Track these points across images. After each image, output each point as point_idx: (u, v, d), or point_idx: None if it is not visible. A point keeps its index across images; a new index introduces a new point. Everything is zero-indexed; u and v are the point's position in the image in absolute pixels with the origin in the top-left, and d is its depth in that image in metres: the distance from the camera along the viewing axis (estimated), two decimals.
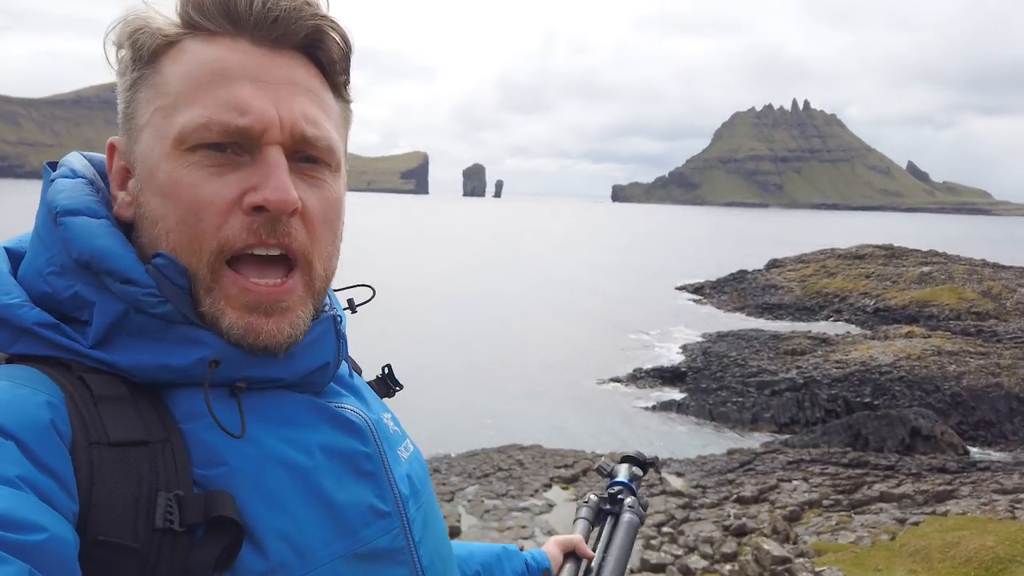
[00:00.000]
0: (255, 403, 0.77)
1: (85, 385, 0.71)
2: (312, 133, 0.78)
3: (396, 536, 0.82)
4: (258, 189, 0.74)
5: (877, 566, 10.56)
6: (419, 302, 51.21)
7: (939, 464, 21.64)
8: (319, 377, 0.83)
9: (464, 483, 20.08)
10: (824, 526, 16.41)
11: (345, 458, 0.81)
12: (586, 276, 72.75)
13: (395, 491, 0.84)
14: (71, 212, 0.77)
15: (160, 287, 0.74)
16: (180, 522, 0.67)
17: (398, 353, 34.35)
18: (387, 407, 1.00)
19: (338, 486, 0.78)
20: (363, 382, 1.00)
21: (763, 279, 56.79)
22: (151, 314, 0.74)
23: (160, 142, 0.76)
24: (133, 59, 0.79)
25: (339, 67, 0.83)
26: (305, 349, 0.81)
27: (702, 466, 21.88)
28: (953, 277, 47.57)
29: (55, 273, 0.76)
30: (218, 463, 0.73)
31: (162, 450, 0.70)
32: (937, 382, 27.94)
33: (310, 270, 0.79)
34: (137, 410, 0.72)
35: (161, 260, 0.75)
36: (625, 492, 1.36)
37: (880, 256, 56.35)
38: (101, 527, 0.64)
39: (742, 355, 33.74)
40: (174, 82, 0.76)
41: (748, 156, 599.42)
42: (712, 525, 16.88)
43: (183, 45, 0.78)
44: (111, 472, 0.66)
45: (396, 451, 0.90)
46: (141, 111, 0.78)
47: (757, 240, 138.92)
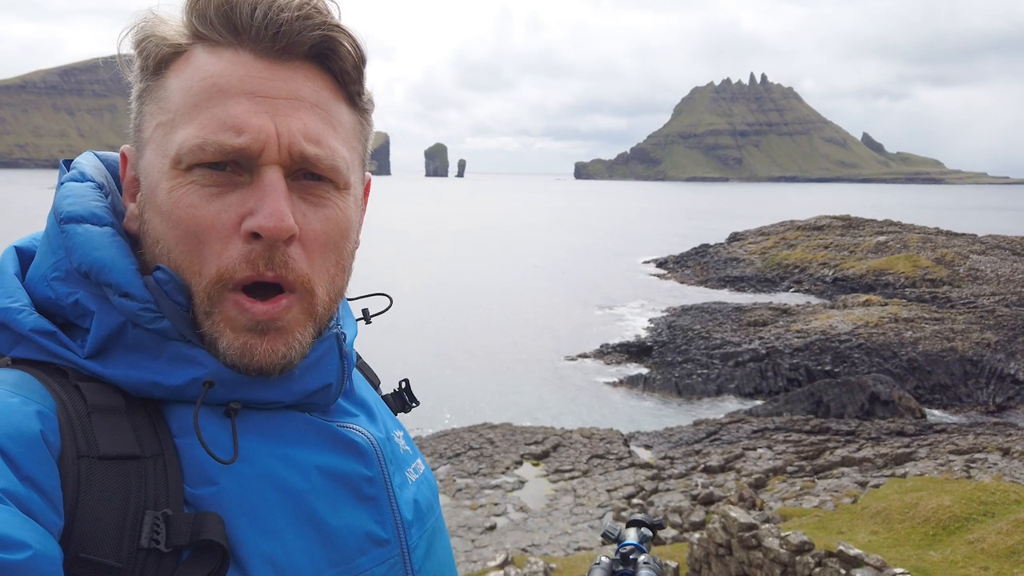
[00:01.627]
0: (253, 420, 0.75)
1: (80, 394, 0.68)
2: (312, 152, 0.73)
3: (394, 566, 0.79)
4: (254, 214, 0.71)
5: (840, 529, 10.86)
6: (384, 285, 50.85)
7: (897, 428, 22.28)
8: (320, 398, 0.79)
9: (435, 463, 20.13)
10: (789, 492, 16.82)
11: (345, 481, 0.77)
12: (551, 254, 72.93)
13: (397, 517, 0.81)
14: (75, 219, 0.75)
15: (158, 303, 0.72)
16: (166, 543, 0.64)
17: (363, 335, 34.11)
18: (400, 424, 0.97)
19: (334, 511, 0.75)
20: (377, 397, 0.97)
21: (725, 252, 57.53)
22: (148, 329, 0.72)
23: (160, 160, 0.73)
24: (141, 68, 0.77)
25: (351, 76, 0.78)
26: (305, 370, 0.77)
27: (669, 438, 22.22)
28: (908, 246, 48.70)
29: (59, 279, 0.74)
30: (210, 482, 0.70)
31: (154, 466, 0.67)
32: (894, 348, 28.67)
33: (311, 297, 0.75)
34: (132, 422, 0.69)
35: (161, 275, 0.72)
36: (637, 552, 1.28)
37: (838, 227, 57.41)
38: (84, 544, 0.61)
39: (706, 328, 34.22)
40: (175, 97, 0.73)
41: (708, 131, 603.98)
42: (680, 495, 17.19)
43: (188, 56, 0.74)
44: (98, 487, 0.64)
45: (404, 473, 0.87)
46: (146, 124, 0.76)
47: (718, 214, 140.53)
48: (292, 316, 0.74)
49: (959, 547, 9.59)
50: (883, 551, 9.30)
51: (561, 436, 22.04)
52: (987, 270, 42.85)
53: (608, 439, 21.64)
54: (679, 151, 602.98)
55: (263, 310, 0.72)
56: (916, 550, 9.73)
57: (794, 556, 9.04)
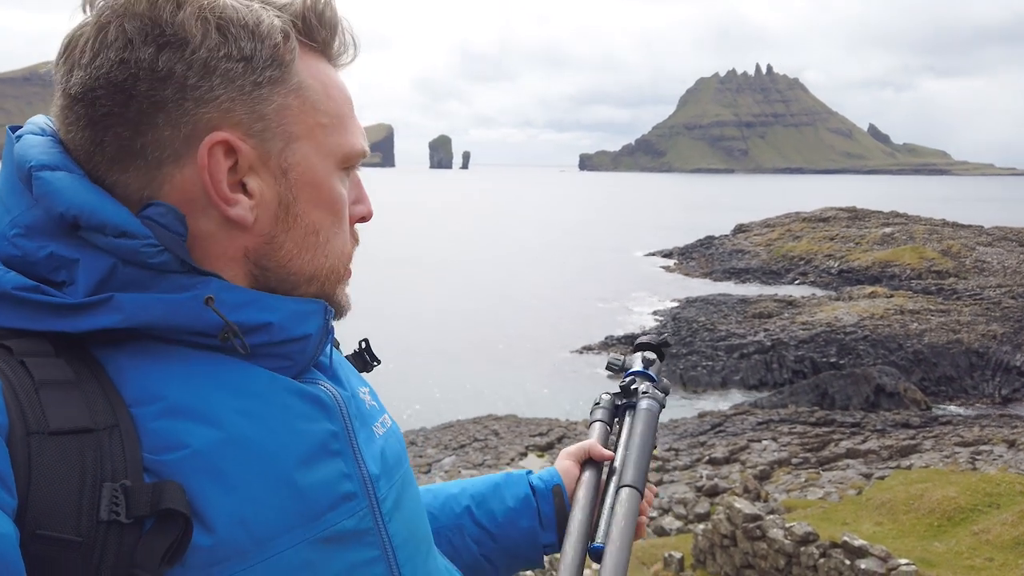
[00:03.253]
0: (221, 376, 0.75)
1: (26, 370, 0.67)
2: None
3: (363, 517, 0.80)
4: (361, 202, 0.89)
5: (845, 520, 10.87)
6: (390, 277, 50.91)
7: (903, 420, 22.26)
8: (299, 348, 0.80)
9: (440, 454, 20.19)
10: (793, 483, 16.83)
11: (311, 437, 0.78)
12: (556, 246, 72.87)
13: (363, 471, 0.81)
14: (48, 167, 0.73)
15: (158, 236, 0.71)
16: (127, 514, 0.64)
17: (369, 329, 34.16)
18: (365, 381, 0.98)
19: (302, 467, 0.75)
20: (340, 357, 0.97)
21: (730, 244, 57.39)
22: (145, 265, 0.72)
23: (325, 159, 0.81)
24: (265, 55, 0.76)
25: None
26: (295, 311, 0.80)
27: (674, 430, 22.24)
28: (914, 237, 48.51)
29: (21, 235, 0.71)
30: (173, 447, 0.69)
31: (109, 437, 0.66)
32: (900, 340, 28.60)
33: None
34: (83, 395, 0.68)
35: (157, 209, 0.73)
36: (640, 380, 1.21)
37: (843, 218, 57.20)
38: (41, 520, 0.61)
39: (711, 320, 34.17)
40: (325, 102, 0.81)
41: (713, 122, 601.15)
42: (685, 487, 17.22)
43: (305, 55, 0.81)
44: (51, 463, 0.63)
45: (371, 428, 0.87)
46: (292, 119, 0.78)
47: (723, 206, 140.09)
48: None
49: (964, 538, 9.59)
50: (888, 542, 9.30)
51: (566, 428, 22.08)
52: (993, 262, 42.67)
53: None
54: (684, 142, 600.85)
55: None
56: (921, 541, 9.74)
57: (799, 547, 9.06)
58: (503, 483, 1.21)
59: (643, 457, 1.06)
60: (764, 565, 9.50)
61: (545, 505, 1.18)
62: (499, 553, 1.17)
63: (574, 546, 0.94)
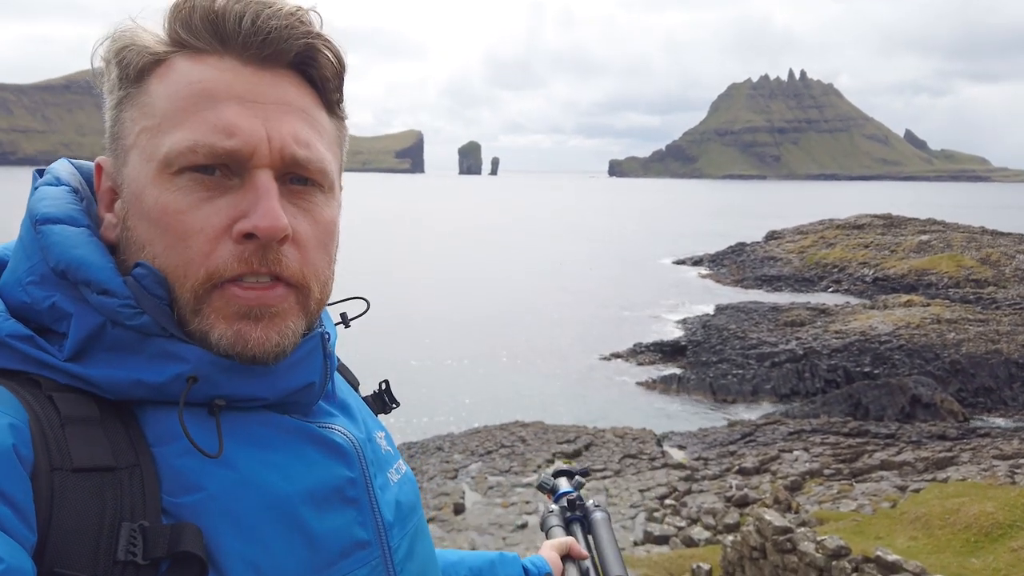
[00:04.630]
0: (234, 424, 0.74)
1: (53, 405, 0.68)
2: (303, 155, 0.76)
3: (375, 567, 0.79)
4: (248, 216, 0.72)
5: (878, 534, 10.66)
6: (420, 283, 51.20)
7: (939, 431, 21.78)
8: (303, 397, 0.80)
9: (467, 460, 20.21)
10: (825, 495, 16.55)
11: (328, 484, 0.78)
12: (585, 253, 72.70)
13: (378, 518, 0.81)
14: (51, 220, 0.75)
15: (138, 299, 0.71)
16: (143, 555, 0.63)
17: (399, 335, 34.41)
18: (382, 424, 0.97)
19: (317, 514, 0.75)
20: (357, 398, 0.97)
21: (762, 251, 56.77)
22: (128, 326, 0.71)
23: (146, 165, 0.73)
24: (120, 77, 0.76)
25: (332, 85, 0.80)
26: (289, 368, 0.77)
27: (703, 439, 22.01)
28: (952, 245, 47.55)
29: (34, 283, 0.73)
30: (190, 490, 0.69)
31: (129, 476, 0.67)
32: (936, 350, 28.02)
33: (307, 292, 0.77)
34: (106, 432, 0.69)
35: (141, 270, 0.73)
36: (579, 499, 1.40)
37: (879, 225, 56.28)
38: (59, 558, 0.61)
39: (741, 327, 33.81)
40: (160, 103, 0.74)
41: (745, 128, 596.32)
42: (714, 497, 17.02)
43: (171, 63, 0.75)
44: (72, 500, 0.63)
45: (386, 474, 0.87)
46: (127, 131, 0.76)
47: (755, 212, 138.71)
48: (287, 304, 0.75)
49: (1002, 555, 9.34)
50: (922, 557, 9.10)
51: (593, 435, 21.97)
52: None
53: (641, 439, 21.51)
54: (716, 148, 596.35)
55: (256, 295, 0.73)
56: (957, 557, 9.51)
57: (830, 561, 8.89)
58: (499, 562, 1.25)
59: (618, 553, 1.22)
60: None
61: None
62: None
63: None
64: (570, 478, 1.51)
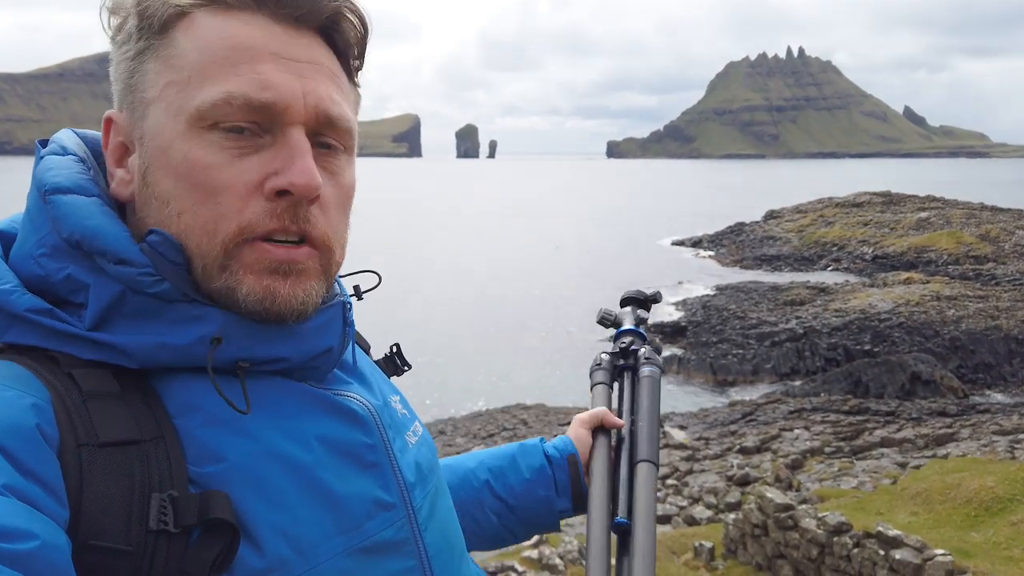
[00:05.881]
0: (253, 392, 0.74)
1: (74, 382, 0.68)
2: (337, 112, 0.76)
3: (401, 527, 0.80)
4: (281, 173, 0.72)
5: (879, 510, 10.72)
6: (416, 267, 51.17)
7: (939, 408, 21.87)
8: (323, 362, 0.80)
9: (469, 444, 20.29)
10: (826, 473, 16.64)
11: (347, 450, 0.78)
12: (583, 234, 72.60)
13: (400, 481, 0.82)
14: (60, 190, 0.74)
15: (156, 265, 0.71)
16: (175, 523, 0.65)
17: (399, 318, 34.44)
18: (396, 388, 0.98)
19: (340, 479, 0.76)
20: (371, 363, 0.98)
21: (761, 231, 56.69)
22: (148, 294, 0.71)
23: (174, 119, 0.72)
24: (140, 28, 0.74)
25: (355, 51, 0.81)
26: (312, 332, 0.78)
27: (704, 419, 22.10)
28: (951, 222, 47.49)
29: (46, 255, 0.73)
30: (214, 459, 0.70)
31: (155, 448, 0.68)
32: (936, 327, 28.07)
33: (330, 255, 0.78)
34: (129, 406, 0.69)
35: (155, 237, 0.72)
36: (636, 341, 1.24)
37: (878, 203, 56.17)
38: (92, 531, 0.62)
39: (741, 307, 33.84)
40: (190, 55, 0.72)
41: (743, 107, 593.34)
42: (716, 476, 17.11)
43: (195, 17, 0.73)
44: (101, 474, 0.64)
45: (404, 436, 0.88)
46: (149, 84, 0.74)
47: (754, 192, 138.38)
48: (312, 264, 0.76)
49: (1002, 528, 9.40)
50: (923, 532, 9.16)
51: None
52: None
53: None
54: (714, 128, 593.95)
55: (285, 252, 0.73)
56: (957, 531, 9.57)
57: (831, 537, 8.96)
58: (519, 454, 1.23)
59: (653, 429, 1.08)
60: (796, 555, 9.42)
61: (560, 474, 1.21)
62: (518, 523, 1.21)
63: (599, 521, 0.96)
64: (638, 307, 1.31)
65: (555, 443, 1.25)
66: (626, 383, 1.19)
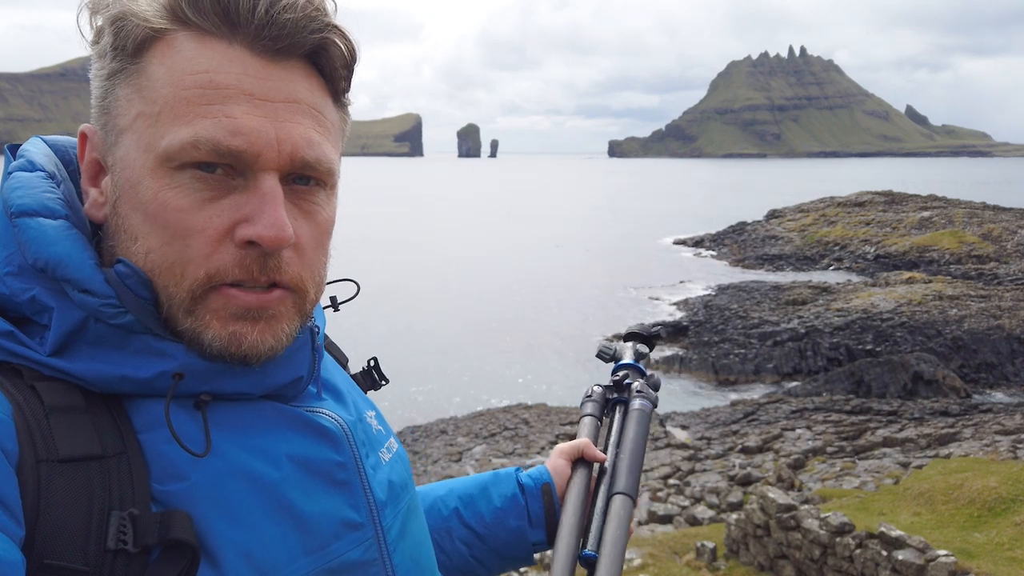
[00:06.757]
0: (220, 411, 0.73)
1: (36, 395, 0.66)
2: (312, 157, 0.72)
3: (369, 547, 0.79)
4: (251, 221, 0.69)
5: (881, 510, 10.70)
6: (417, 267, 51.16)
7: (941, 408, 21.82)
8: (290, 390, 0.79)
9: (471, 443, 20.28)
10: (828, 473, 16.61)
11: (317, 468, 0.77)
12: (584, 234, 72.56)
13: (370, 499, 0.81)
14: (27, 212, 0.71)
15: (120, 297, 0.69)
16: (134, 543, 0.63)
17: (399, 320, 34.44)
18: (372, 404, 0.95)
19: (308, 498, 0.75)
20: (347, 377, 0.96)
21: (763, 230, 56.62)
22: (111, 324, 0.70)
23: (144, 154, 0.70)
24: (115, 47, 0.71)
25: (342, 74, 0.76)
26: (278, 364, 0.76)
27: (706, 418, 22.07)
28: (953, 221, 47.40)
29: (12, 274, 0.71)
30: (179, 477, 0.68)
31: (117, 465, 0.66)
32: (938, 327, 28.02)
33: (304, 295, 0.75)
34: (92, 421, 0.67)
35: (123, 268, 0.70)
36: (633, 375, 1.21)
37: (880, 203, 56.08)
38: (49, 550, 0.60)
39: (743, 307, 33.80)
40: (162, 89, 0.69)
41: (745, 106, 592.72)
42: (718, 476, 17.09)
43: (172, 41, 0.70)
44: (60, 491, 0.62)
45: (377, 453, 0.86)
46: (122, 111, 0.72)
47: (756, 191, 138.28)
48: (284, 308, 0.73)
49: (1005, 529, 9.38)
50: (926, 533, 9.14)
51: None
52: None
53: None
54: (715, 127, 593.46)
55: (255, 298, 0.71)
56: (960, 532, 9.55)
57: (834, 537, 8.94)
58: (491, 482, 1.19)
59: (636, 462, 1.04)
60: (798, 556, 9.39)
61: (534, 504, 1.17)
62: (489, 554, 1.16)
63: (565, 553, 0.93)
64: (640, 342, 1.27)
65: (531, 472, 1.21)
66: (616, 417, 1.16)
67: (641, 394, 1.15)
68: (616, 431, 1.12)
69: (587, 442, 1.13)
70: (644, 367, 1.24)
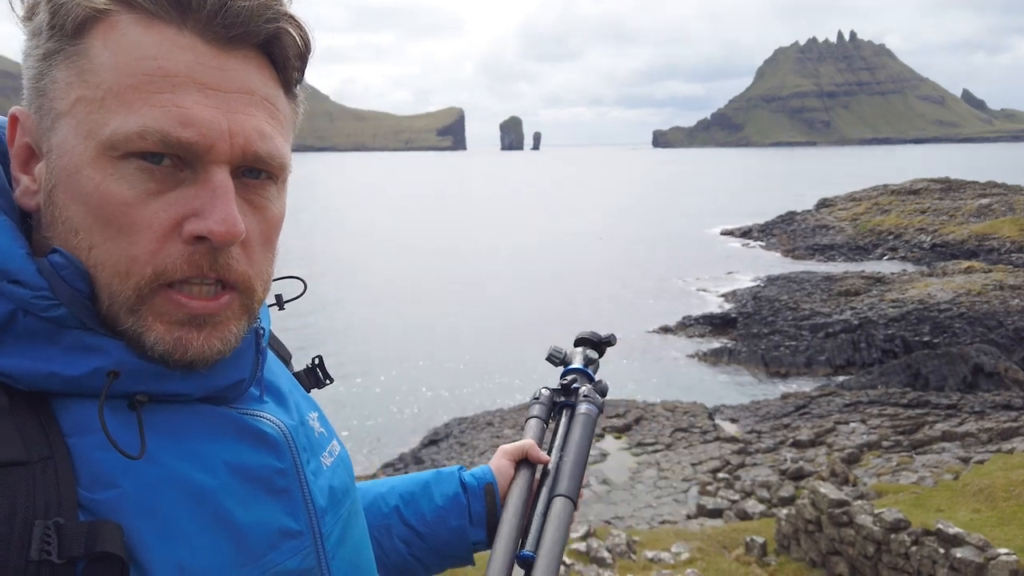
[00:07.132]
0: (155, 414, 0.70)
1: None
2: (265, 150, 0.70)
3: (307, 556, 0.77)
4: (201, 216, 0.66)
5: (939, 506, 10.40)
6: (465, 258, 51.43)
7: (1003, 401, 21.10)
8: (231, 393, 0.76)
9: (518, 435, 20.20)
10: (884, 467, 16.21)
11: (255, 475, 0.74)
12: (631, 225, 72.01)
13: (310, 507, 0.78)
14: None
15: (54, 288, 0.66)
16: (59, 554, 0.60)
17: (449, 310, 34.70)
18: (316, 404, 0.93)
19: (243, 507, 0.72)
20: (290, 377, 0.93)
21: (813, 220, 55.42)
22: (42, 317, 0.66)
23: (84, 141, 0.65)
24: (51, 25, 0.67)
25: (295, 65, 0.74)
26: (221, 367, 0.73)
27: (756, 411, 21.74)
28: (1014, 208, 45.71)
29: None
30: (108, 485, 0.65)
31: (43, 471, 0.62)
32: (1000, 317, 27.09)
33: (251, 295, 0.73)
34: (16, 424, 0.63)
35: (58, 259, 0.66)
36: (581, 380, 1.23)
37: (936, 190, 54.39)
38: None
39: (793, 298, 33.15)
40: (105, 73, 0.65)
41: (793, 93, 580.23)
42: (768, 470, 16.83)
43: (115, 23, 0.66)
44: None
45: (319, 458, 0.84)
46: (60, 94, 0.67)
47: (805, 180, 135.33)
48: (231, 311, 0.71)
49: None
50: (986, 530, 8.85)
51: (643, 409, 21.89)
52: None
53: (692, 412, 21.35)
54: (762, 115, 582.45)
55: (201, 305, 0.68)
56: (1022, 530, 9.23)
57: (888, 534, 8.73)
58: (433, 481, 1.19)
59: (578, 465, 1.07)
60: (852, 552, 9.20)
61: (476, 503, 1.16)
62: (428, 552, 1.16)
63: (503, 553, 0.94)
64: (590, 348, 1.30)
65: (474, 472, 1.21)
66: (562, 420, 1.18)
67: (588, 399, 1.17)
68: (561, 434, 1.14)
69: (532, 444, 1.14)
70: (593, 372, 1.26)
